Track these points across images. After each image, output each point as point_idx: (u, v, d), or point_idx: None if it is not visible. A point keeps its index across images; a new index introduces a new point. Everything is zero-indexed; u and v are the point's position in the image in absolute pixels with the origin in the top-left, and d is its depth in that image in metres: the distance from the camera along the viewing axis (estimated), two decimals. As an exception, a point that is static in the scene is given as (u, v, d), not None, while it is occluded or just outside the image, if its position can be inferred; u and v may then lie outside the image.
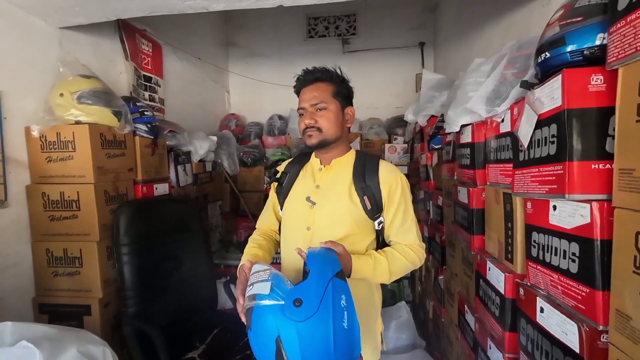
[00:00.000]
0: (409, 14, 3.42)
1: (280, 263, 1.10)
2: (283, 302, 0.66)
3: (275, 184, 1.13)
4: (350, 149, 1.10)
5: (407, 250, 0.99)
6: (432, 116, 1.98)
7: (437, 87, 2.07)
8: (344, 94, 1.03)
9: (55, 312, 1.47)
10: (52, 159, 1.46)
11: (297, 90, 1.05)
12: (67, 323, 1.45)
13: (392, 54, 3.50)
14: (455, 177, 1.47)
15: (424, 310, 2.28)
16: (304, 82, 1.03)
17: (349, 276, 0.86)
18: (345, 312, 0.68)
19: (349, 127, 1.09)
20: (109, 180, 1.54)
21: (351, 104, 1.07)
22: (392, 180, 0.99)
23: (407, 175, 2.89)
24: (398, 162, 2.92)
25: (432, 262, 2.02)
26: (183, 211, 1.79)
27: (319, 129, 0.99)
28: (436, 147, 1.85)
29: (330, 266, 0.73)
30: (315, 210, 1.00)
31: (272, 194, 1.16)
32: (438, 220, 1.88)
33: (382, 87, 3.51)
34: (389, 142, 3.11)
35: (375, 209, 0.98)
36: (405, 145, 2.97)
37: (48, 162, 1.46)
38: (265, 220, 1.18)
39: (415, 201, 2.69)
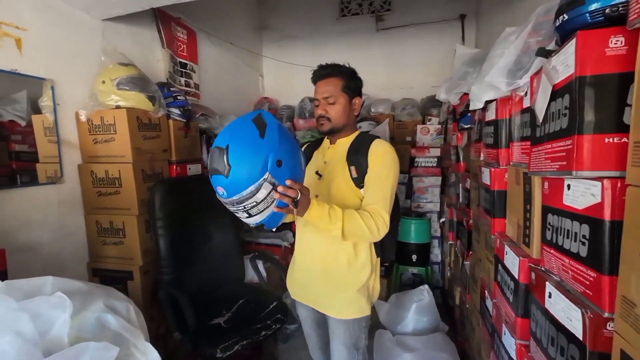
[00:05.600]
0: (449, -17, 3.17)
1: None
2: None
3: None
4: (357, 130, 1.25)
5: (367, 214, 1.05)
6: (465, 94, 1.86)
7: (471, 63, 1.92)
8: (352, 87, 1.17)
9: (105, 276, 1.68)
10: (98, 141, 1.63)
11: (313, 82, 1.20)
12: (114, 286, 1.63)
13: (430, 29, 3.30)
14: (482, 158, 1.39)
15: (452, 297, 2.23)
16: (318, 76, 1.18)
17: (302, 215, 0.94)
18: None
19: (355, 115, 1.23)
20: (146, 160, 1.68)
21: (359, 95, 1.21)
22: (377, 150, 1.12)
23: (440, 158, 2.77)
24: (431, 144, 2.81)
25: (460, 247, 1.95)
26: (212, 190, 1.90)
27: (329, 119, 1.16)
28: (466, 126, 1.75)
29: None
30: (322, 181, 1.19)
31: None
32: (466, 204, 1.80)
33: (418, 65, 3.34)
34: (423, 123, 2.98)
35: (360, 178, 1.11)
36: (439, 126, 2.83)
37: (95, 144, 1.63)
38: None
39: (447, 185, 2.62)
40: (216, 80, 2.88)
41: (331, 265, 1.18)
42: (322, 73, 1.16)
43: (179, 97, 1.90)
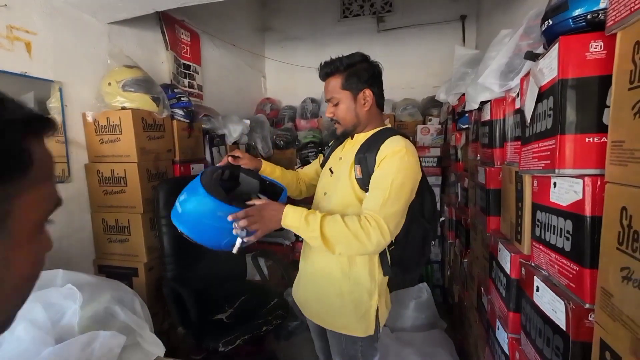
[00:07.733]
0: (450, -16, 3.20)
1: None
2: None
3: (322, 156, 1.32)
4: (382, 125, 1.11)
5: (354, 219, 0.91)
6: (463, 95, 1.89)
7: (470, 63, 1.94)
8: (353, 82, 1.03)
9: (111, 273, 1.71)
10: (104, 141, 1.67)
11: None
12: (119, 282, 1.69)
13: (430, 30, 3.33)
14: (478, 158, 1.42)
15: (451, 295, 2.25)
16: (321, 77, 1.10)
17: (278, 225, 0.97)
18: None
19: (367, 110, 1.06)
20: (150, 160, 1.72)
21: (368, 86, 1.04)
22: (387, 150, 0.96)
23: (440, 158, 2.78)
24: (431, 144, 2.83)
25: (458, 246, 1.98)
26: (216, 189, 1.94)
27: (338, 121, 1.09)
28: (464, 127, 1.78)
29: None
30: (332, 178, 1.12)
31: (318, 161, 1.34)
32: (465, 203, 1.83)
33: (419, 66, 3.36)
34: (424, 123, 3.01)
35: (365, 179, 0.97)
36: (440, 126, 2.85)
37: (101, 144, 1.68)
38: (305, 169, 1.41)
39: (446, 184, 2.64)
40: (219, 81, 2.92)
41: (321, 266, 1.11)
42: (322, 73, 1.08)
43: (182, 98, 1.94)
